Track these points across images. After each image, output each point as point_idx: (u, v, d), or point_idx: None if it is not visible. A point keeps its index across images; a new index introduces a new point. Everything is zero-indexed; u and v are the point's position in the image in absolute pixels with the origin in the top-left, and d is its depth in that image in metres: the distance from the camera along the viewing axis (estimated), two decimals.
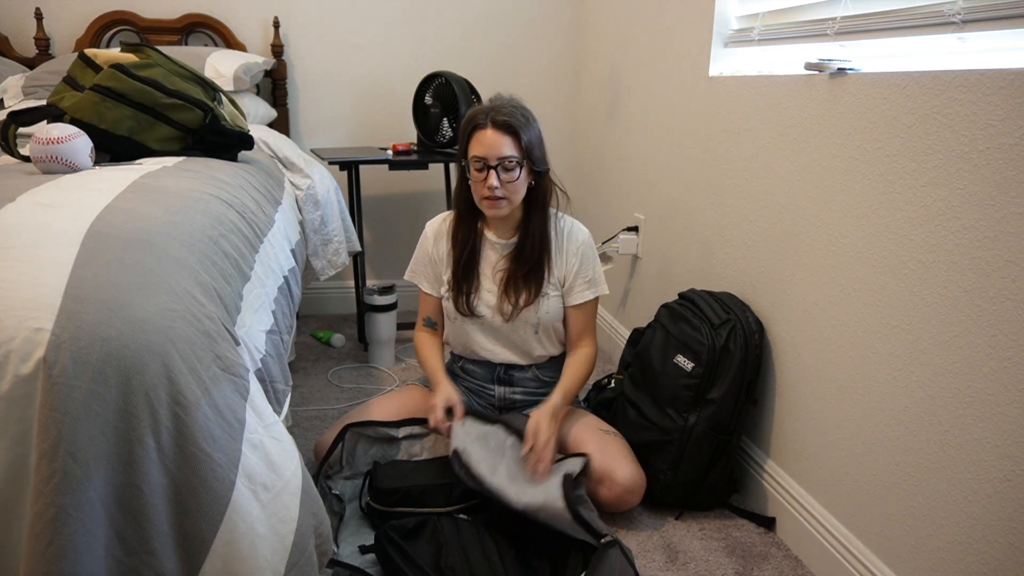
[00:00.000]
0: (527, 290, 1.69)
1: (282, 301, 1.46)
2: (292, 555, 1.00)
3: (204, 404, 0.93)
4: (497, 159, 1.58)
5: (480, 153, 1.59)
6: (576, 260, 1.72)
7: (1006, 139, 1.05)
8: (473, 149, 1.60)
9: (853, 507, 1.40)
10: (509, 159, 1.58)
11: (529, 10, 2.93)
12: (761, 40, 1.74)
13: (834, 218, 1.43)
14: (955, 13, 1.17)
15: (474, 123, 1.61)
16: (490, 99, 1.65)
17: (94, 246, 0.99)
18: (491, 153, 1.58)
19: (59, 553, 0.84)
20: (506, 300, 1.70)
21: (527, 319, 1.71)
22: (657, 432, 1.67)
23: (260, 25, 2.78)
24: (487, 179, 1.59)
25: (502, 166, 1.58)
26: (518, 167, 1.60)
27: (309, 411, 2.16)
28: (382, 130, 2.93)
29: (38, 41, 2.61)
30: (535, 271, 1.69)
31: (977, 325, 1.10)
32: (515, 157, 1.59)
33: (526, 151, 1.60)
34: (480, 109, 1.63)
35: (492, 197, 1.60)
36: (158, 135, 1.64)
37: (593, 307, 1.77)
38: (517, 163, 1.59)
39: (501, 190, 1.59)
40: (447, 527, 1.45)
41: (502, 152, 1.58)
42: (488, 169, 1.59)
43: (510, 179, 1.60)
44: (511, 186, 1.61)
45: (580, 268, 1.72)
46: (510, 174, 1.59)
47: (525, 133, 1.60)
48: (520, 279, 1.69)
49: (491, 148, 1.58)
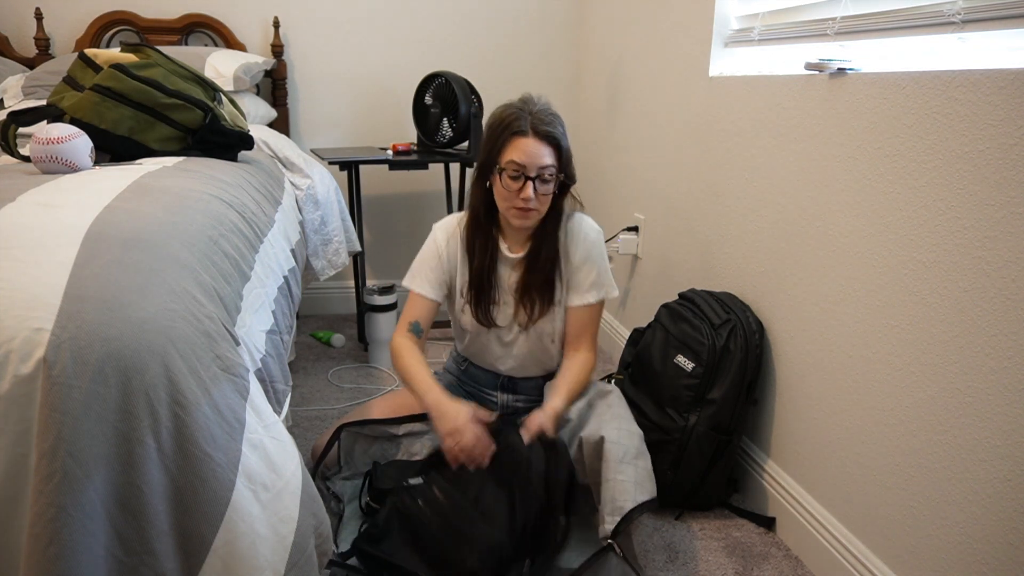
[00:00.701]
0: (541, 300, 1.63)
1: (282, 301, 1.46)
2: (292, 555, 1.00)
3: (204, 404, 0.93)
4: (537, 169, 1.49)
5: (520, 160, 1.48)
6: (583, 257, 1.63)
7: (1006, 139, 1.05)
8: (510, 154, 1.49)
9: (853, 507, 1.40)
10: (548, 171, 1.50)
11: (529, 10, 2.93)
12: (761, 40, 1.74)
13: (834, 218, 1.43)
14: (955, 13, 1.17)
15: (513, 129, 1.50)
16: (521, 99, 1.55)
17: (94, 246, 0.99)
18: (532, 163, 1.48)
19: (59, 553, 0.84)
20: (523, 310, 1.64)
21: (544, 330, 1.66)
22: (657, 432, 1.67)
23: (260, 25, 2.78)
24: (523, 190, 1.50)
25: (540, 178, 1.50)
26: (554, 180, 1.53)
27: (309, 411, 2.16)
28: (382, 130, 2.93)
29: (38, 41, 2.61)
30: (548, 281, 1.63)
31: (977, 325, 1.10)
32: (554, 169, 1.51)
33: (564, 163, 1.53)
34: (516, 112, 1.51)
35: (525, 208, 1.52)
36: (158, 135, 1.64)
37: (595, 312, 1.65)
38: (554, 176, 1.52)
39: (535, 201, 1.51)
40: (409, 503, 1.41)
41: (543, 162, 1.49)
42: (526, 180, 1.49)
43: (545, 191, 1.52)
44: (544, 198, 1.53)
45: (585, 266, 1.63)
46: (546, 186, 1.52)
47: (564, 143, 1.52)
48: (534, 290, 1.63)
49: (532, 157, 1.48)
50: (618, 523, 1.34)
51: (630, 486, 1.38)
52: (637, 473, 1.41)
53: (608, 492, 1.39)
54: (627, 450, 1.43)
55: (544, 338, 1.68)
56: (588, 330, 1.65)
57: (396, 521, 1.42)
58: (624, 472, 1.40)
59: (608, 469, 1.41)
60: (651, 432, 1.68)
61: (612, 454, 1.42)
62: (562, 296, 1.65)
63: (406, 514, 1.41)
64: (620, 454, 1.42)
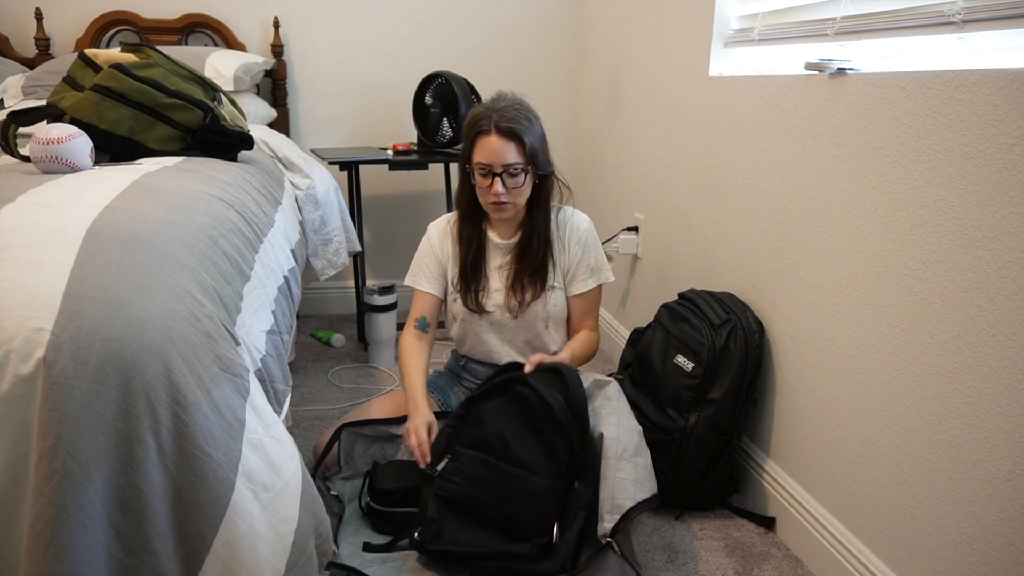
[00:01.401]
0: (533, 286, 1.69)
1: (282, 301, 1.46)
2: (292, 555, 1.00)
3: (204, 404, 0.93)
4: (502, 167, 1.57)
5: (485, 160, 1.57)
6: (579, 248, 1.71)
7: (1006, 139, 1.05)
8: (477, 155, 1.59)
9: (853, 507, 1.40)
10: (514, 166, 1.57)
11: (530, 10, 2.93)
12: (761, 40, 1.74)
13: (834, 218, 1.43)
14: (955, 13, 1.17)
15: (477, 128, 1.58)
16: (492, 98, 1.63)
17: (94, 246, 0.99)
18: (496, 160, 1.56)
19: (59, 553, 0.84)
20: (513, 297, 1.70)
21: (536, 314, 1.71)
22: (657, 432, 1.67)
23: (260, 25, 2.78)
24: (492, 186, 1.58)
25: (507, 172, 1.58)
26: (523, 173, 1.59)
27: (309, 411, 2.16)
28: (382, 130, 2.93)
29: (38, 41, 2.61)
30: (540, 268, 1.69)
31: (977, 325, 1.10)
32: (520, 164, 1.58)
33: (530, 157, 1.59)
34: (482, 112, 1.59)
35: (497, 203, 1.60)
36: (158, 135, 1.64)
37: (596, 296, 1.74)
38: (522, 170, 1.59)
39: (506, 195, 1.59)
40: (447, 485, 1.45)
41: (506, 160, 1.56)
42: (493, 176, 1.58)
43: (515, 184, 1.59)
44: (516, 191, 1.60)
45: (582, 256, 1.71)
46: (515, 179, 1.59)
47: (529, 138, 1.57)
48: (526, 277, 1.69)
49: (496, 155, 1.56)
50: (617, 522, 1.34)
51: (629, 484, 1.38)
52: (636, 471, 1.41)
53: (607, 490, 1.39)
54: (626, 447, 1.43)
55: (538, 323, 1.73)
56: (591, 312, 1.76)
57: (445, 507, 1.45)
58: (623, 470, 1.40)
59: (607, 467, 1.41)
60: (651, 432, 1.68)
61: (611, 451, 1.43)
62: (555, 281, 1.72)
63: (451, 497, 1.44)
64: (619, 451, 1.42)
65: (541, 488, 1.39)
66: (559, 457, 1.40)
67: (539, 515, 1.40)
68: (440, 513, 1.44)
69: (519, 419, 1.46)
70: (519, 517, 1.40)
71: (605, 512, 1.37)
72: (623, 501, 1.36)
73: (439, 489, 1.46)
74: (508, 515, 1.41)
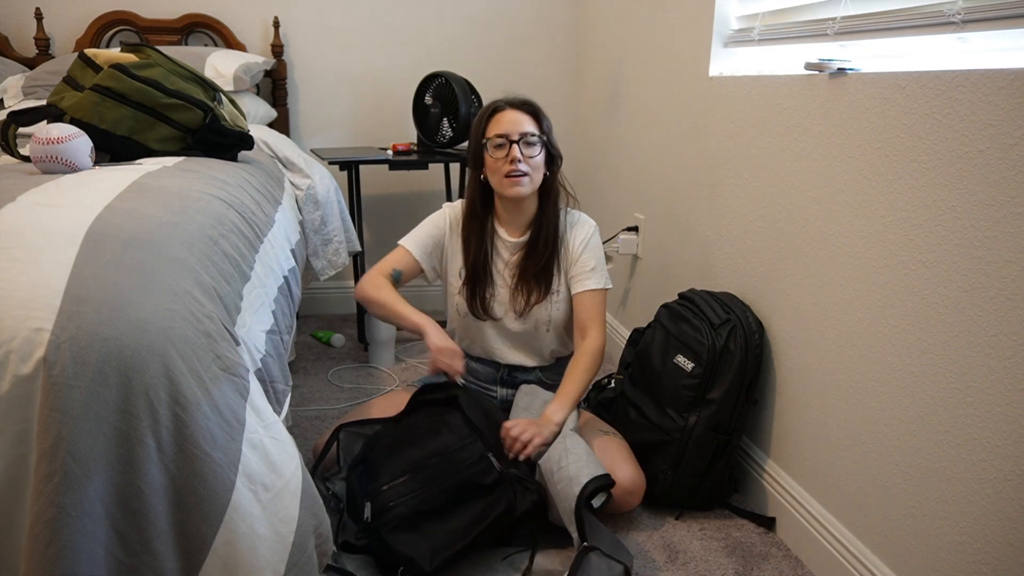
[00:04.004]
0: (538, 287, 1.71)
1: (282, 301, 1.46)
2: (292, 555, 1.00)
3: (204, 404, 0.93)
4: (519, 134, 1.62)
5: (502, 131, 1.62)
6: (581, 248, 1.73)
7: (1006, 139, 1.05)
8: (493, 129, 1.64)
9: (853, 507, 1.40)
10: (531, 135, 1.63)
11: (529, 10, 2.93)
12: (761, 40, 1.74)
13: (834, 218, 1.43)
14: (955, 13, 1.17)
15: (492, 107, 1.66)
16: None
17: (94, 246, 0.99)
18: (514, 129, 1.62)
19: (59, 553, 0.84)
20: (519, 296, 1.71)
21: (539, 317, 1.72)
22: (657, 432, 1.67)
23: (260, 25, 2.78)
24: (509, 153, 1.61)
25: (524, 141, 1.62)
26: (539, 144, 1.64)
27: (309, 411, 2.16)
28: (382, 130, 2.93)
29: (38, 41, 2.61)
30: (546, 268, 1.71)
31: (977, 325, 1.10)
32: (536, 134, 1.64)
33: (545, 131, 1.66)
34: (493, 101, 1.68)
35: (514, 174, 1.62)
36: (158, 135, 1.64)
37: (600, 297, 1.73)
38: (539, 140, 1.64)
39: (524, 164, 1.62)
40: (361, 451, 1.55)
41: (524, 128, 1.63)
42: (511, 144, 1.61)
43: (531, 154, 1.63)
44: (533, 162, 1.63)
45: (584, 256, 1.73)
46: (531, 149, 1.63)
47: (543, 114, 1.67)
48: (532, 276, 1.71)
49: (513, 124, 1.63)
50: (576, 499, 1.36)
51: (574, 473, 1.41)
52: (571, 467, 1.42)
53: (561, 503, 1.41)
54: (554, 457, 1.46)
55: (540, 326, 1.74)
56: (596, 314, 1.73)
57: (411, 527, 1.41)
58: (562, 471, 1.42)
59: (550, 483, 1.44)
60: (651, 432, 1.68)
61: (545, 468, 1.46)
62: (559, 286, 1.72)
63: (407, 517, 1.40)
64: (552, 466, 1.45)
65: (472, 452, 1.45)
66: (461, 429, 1.48)
67: (476, 465, 1.44)
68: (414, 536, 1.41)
69: (417, 429, 1.54)
70: (466, 479, 1.43)
71: (568, 523, 1.40)
72: (572, 496, 1.38)
73: (387, 527, 1.40)
74: (457, 491, 1.42)
